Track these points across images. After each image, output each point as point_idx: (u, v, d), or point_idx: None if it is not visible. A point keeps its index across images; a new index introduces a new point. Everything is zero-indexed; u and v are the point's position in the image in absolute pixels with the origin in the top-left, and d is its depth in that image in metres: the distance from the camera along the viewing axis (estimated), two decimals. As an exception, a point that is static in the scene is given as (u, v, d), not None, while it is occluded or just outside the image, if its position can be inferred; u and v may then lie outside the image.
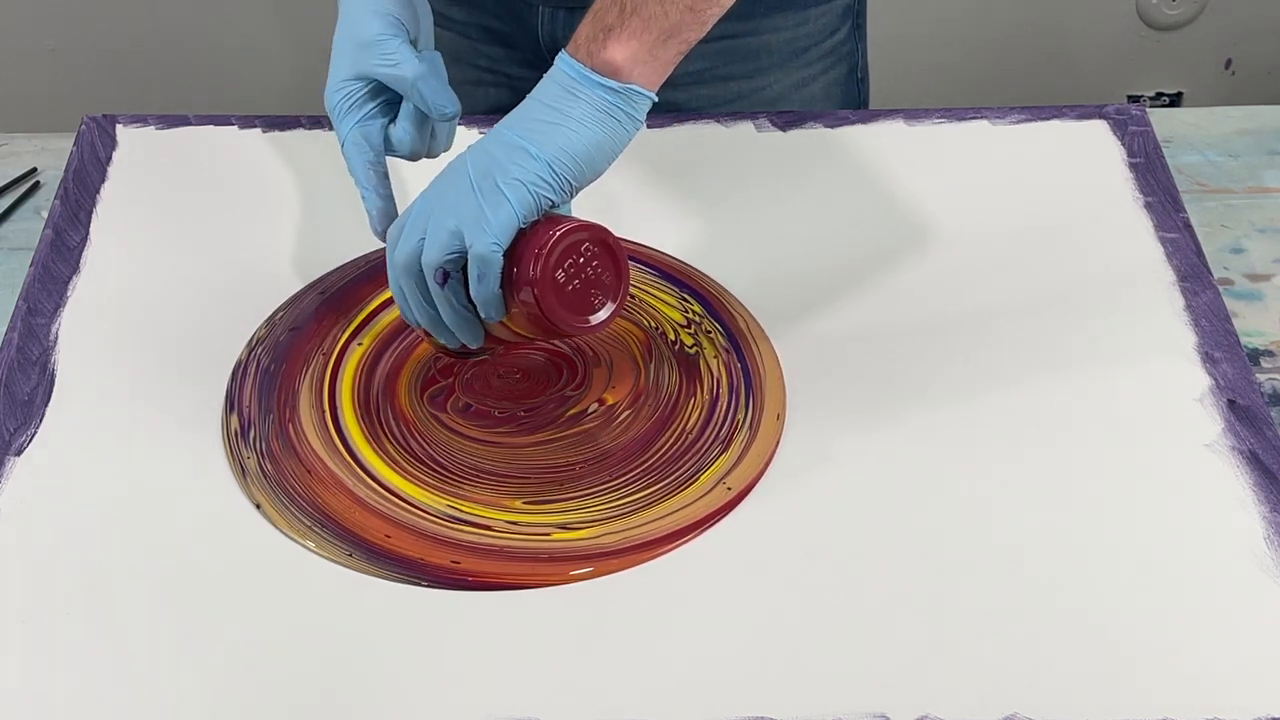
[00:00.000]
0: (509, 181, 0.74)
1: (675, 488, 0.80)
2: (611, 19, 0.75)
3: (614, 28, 0.74)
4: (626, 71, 0.75)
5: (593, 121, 0.75)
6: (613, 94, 0.75)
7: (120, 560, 0.76)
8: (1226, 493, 0.80)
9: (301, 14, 1.86)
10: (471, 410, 0.85)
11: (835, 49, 1.10)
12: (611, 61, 0.74)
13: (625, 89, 0.75)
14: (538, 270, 0.74)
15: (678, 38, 0.75)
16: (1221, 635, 0.73)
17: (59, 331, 0.88)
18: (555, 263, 0.75)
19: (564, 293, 0.75)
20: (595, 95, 0.74)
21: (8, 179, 1.02)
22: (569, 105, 0.75)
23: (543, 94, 0.76)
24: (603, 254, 0.76)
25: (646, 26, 0.74)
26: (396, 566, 0.76)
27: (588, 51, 0.75)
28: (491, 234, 0.74)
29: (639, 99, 0.75)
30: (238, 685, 0.71)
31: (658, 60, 0.75)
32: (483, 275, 0.75)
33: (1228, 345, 0.87)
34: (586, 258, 0.76)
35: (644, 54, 0.75)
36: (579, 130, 0.74)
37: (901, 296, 0.91)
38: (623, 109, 0.75)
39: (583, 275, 0.76)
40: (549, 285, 0.75)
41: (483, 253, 0.74)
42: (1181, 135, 1.05)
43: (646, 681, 0.72)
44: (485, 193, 0.74)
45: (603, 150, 0.75)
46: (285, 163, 1.00)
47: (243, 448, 0.82)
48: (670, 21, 0.75)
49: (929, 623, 0.74)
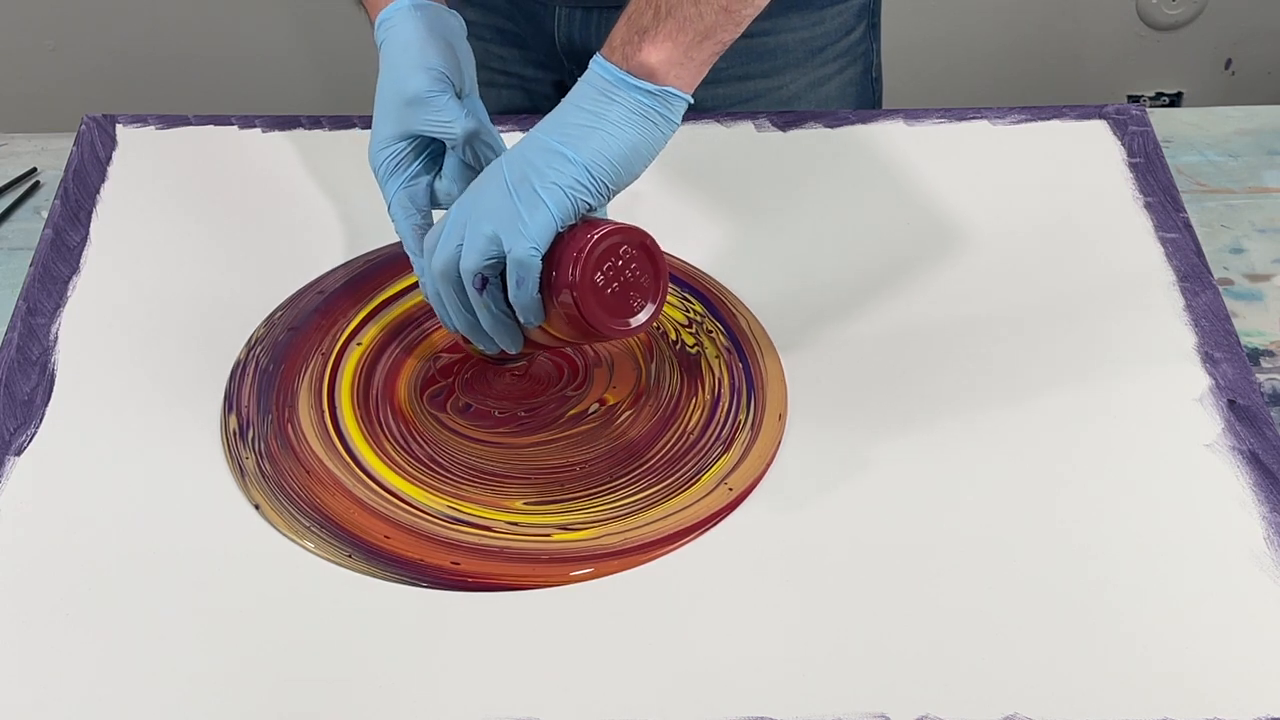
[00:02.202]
0: (546, 186, 0.74)
1: (676, 488, 0.80)
2: (646, 21, 0.74)
3: (649, 30, 0.74)
4: (662, 74, 0.74)
5: (629, 124, 0.74)
6: (649, 96, 0.74)
7: (119, 561, 0.76)
8: (1226, 493, 0.80)
9: (302, 14, 1.86)
10: (471, 410, 0.85)
11: (851, 49, 1.10)
12: (647, 64, 0.74)
13: (661, 91, 0.74)
14: (577, 273, 0.74)
15: (713, 39, 0.75)
16: (1221, 635, 0.73)
17: (59, 331, 0.88)
18: (594, 265, 0.74)
19: (603, 296, 0.75)
20: (631, 98, 0.74)
21: (8, 179, 1.02)
22: (605, 108, 0.74)
23: (578, 97, 0.75)
24: (641, 257, 0.76)
25: (682, 28, 0.74)
26: (396, 567, 0.76)
27: (623, 54, 0.75)
28: (529, 238, 0.74)
29: (675, 101, 0.75)
30: (237, 686, 0.71)
31: (693, 62, 0.75)
32: (521, 280, 0.75)
33: (1228, 345, 0.87)
34: (625, 260, 0.76)
35: (680, 56, 0.74)
36: (615, 133, 0.74)
37: (902, 296, 0.91)
38: (659, 111, 0.75)
39: (622, 278, 0.76)
40: (589, 288, 0.75)
41: (521, 257, 0.74)
42: (1181, 135, 1.05)
43: (647, 682, 0.72)
44: (522, 197, 0.74)
45: (639, 153, 0.75)
46: (285, 163, 1.00)
47: (241, 448, 0.82)
48: (705, 23, 0.74)
49: (929, 623, 0.74)
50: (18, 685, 0.71)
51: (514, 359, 0.85)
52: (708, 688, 0.71)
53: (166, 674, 0.71)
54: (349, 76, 1.84)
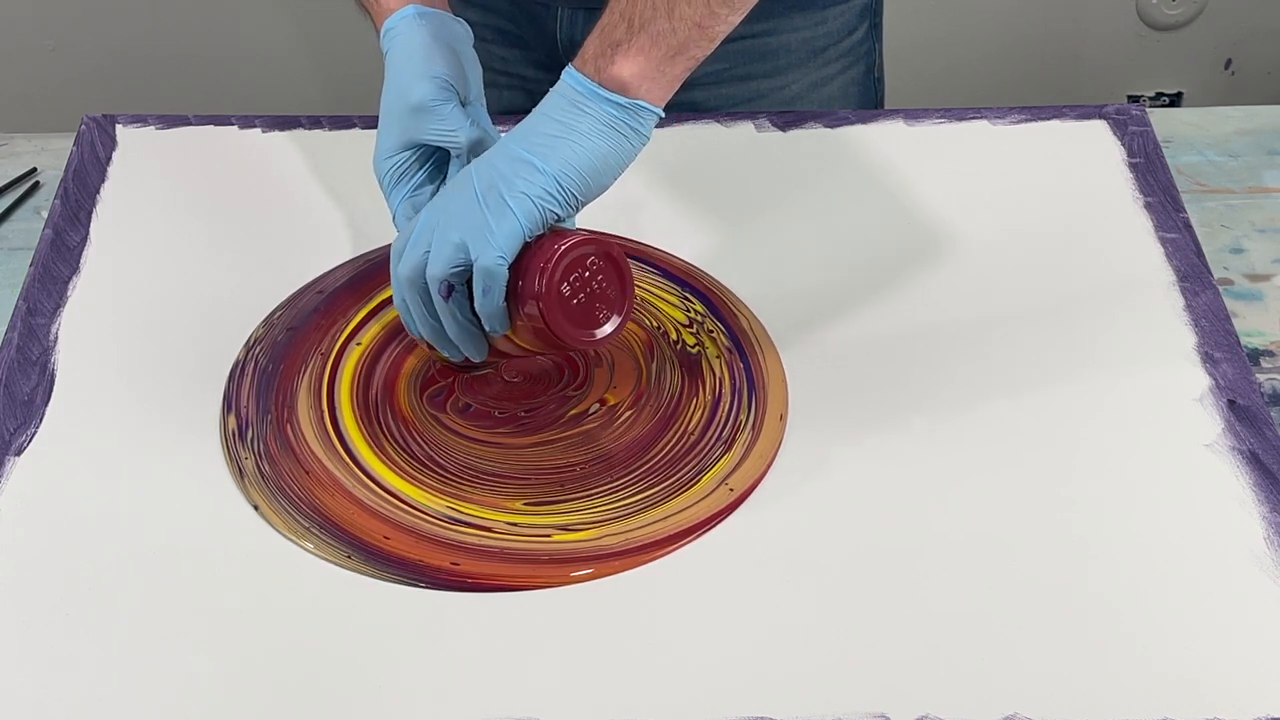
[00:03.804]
0: (515, 195, 0.74)
1: (677, 489, 0.80)
2: (619, 35, 0.74)
3: (622, 43, 0.74)
4: (634, 87, 0.74)
5: (599, 136, 0.74)
6: (619, 109, 0.74)
7: (119, 561, 0.76)
8: (1226, 493, 0.80)
9: (302, 14, 1.86)
10: (471, 411, 0.85)
11: (853, 48, 1.10)
12: (619, 77, 0.74)
13: (632, 104, 0.75)
14: (543, 284, 0.74)
15: (685, 54, 0.75)
16: (1221, 635, 0.73)
17: (59, 331, 0.88)
18: (561, 277, 0.75)
19: (569, 307, 0.75)
20: (602, 110, 0.74)
21: (8, 179, 1.02)
22: (575, 119, 0.74)
23: (549, 108, 0.76)
24: (608, 268, 0.77)
25: (655, 43, 0.74)
26: (395, 568, 0.76)
27: (595, 67, 0.75)
28: (497, 247, 0.74)
29: (646, 114, 0.75)
30: (237, 687, 0.71)
31: (665, 76, 0.75)
32: (488, 289, 0.75)
33: (1228, 345, 0.87)
34: (592, 272, 0.76)
35: (652, 70, 0.74)
36: (585, 144, 0.74)
37: (903, 296, 0.91)
38: (629, 124, 0.75)
39: (588, 289, 0.76)
40: (554, 299, 0.75)
41: (488, 266, 0.74)
42: (1181, 135, 1.05)
43: (647, 682, 0.71)
44: (491, 206, 0.74)
45: (609, 165, 0.75)
46: (285, 163, 1.00)
47: (240, 449, 0.82)
48: (678, 38, 0.74)
49: (930, 623, 0.74)
50: (17, 685, 0.71)
51: (478, 366, 0.85)
52: (708, 688, 0.71)
53: (166, 674, 0.71)
54: (349, 76, 1.84)
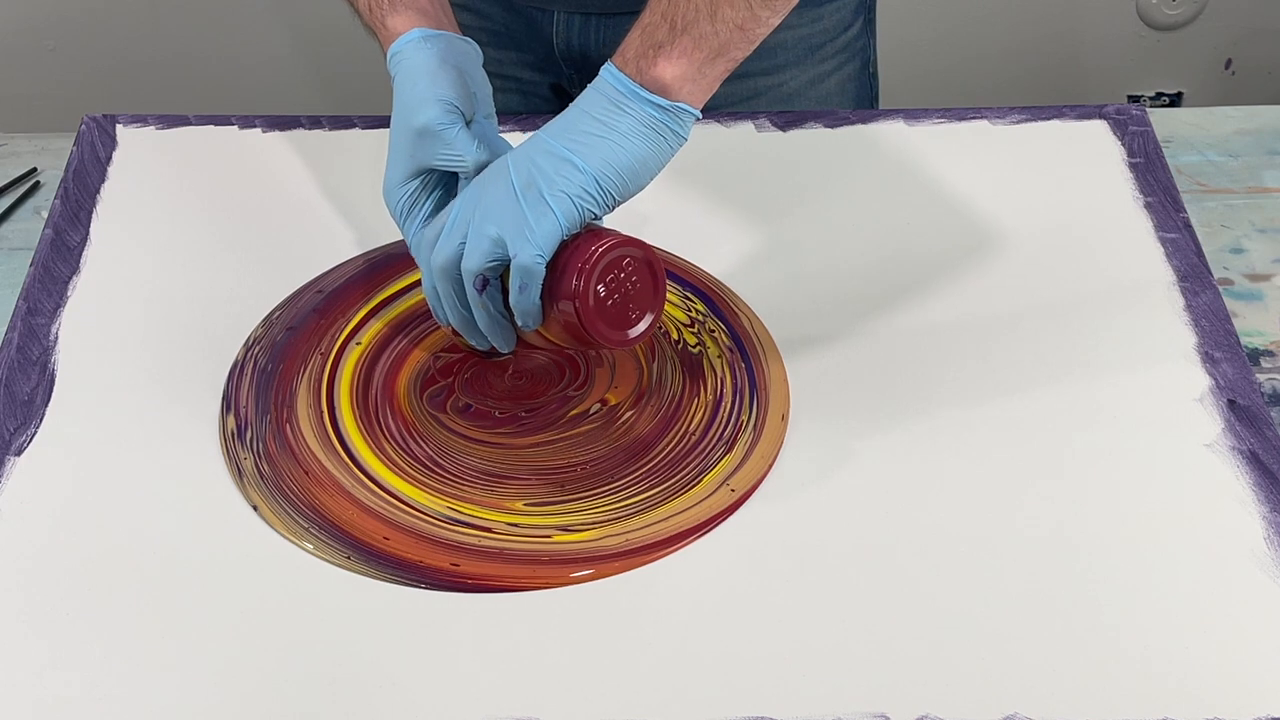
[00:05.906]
0: (555, 194, 0.74)
1: (678, 489, 0.80)
2: (661, 36, 0.74)
3: (664, 45, 0.74)
4: (675, 89, 0.74)
5: (639, 137, 0.74)
6: (660, 111, 0.74)
7: (119, 561, 0.76)
8: (1226, 493, 0.80)
9: (302, 15, 1.86)
10: (471, 410, 0.85)
11: (849, 45, 1.10)
12: (660, 79, 0.74)
13: (673, 106, 0.75)
14: (581, 284, 0.75)
15: (726, 56, 0.75)
16: (1221, 635, 0.73)
17: (59, 331, 0.88)
18: (598, 277, 0.75)
19: (604, 306, 0.76)
20: (643, 111, 0.74)
21: (8, 179, 1.02)
22: (616, 119, 0.74)
23: (589, 105, 0.75)
24: (642, 268, 0.77)
25: (697, 45, 0.74)
26: (395, 569, 0.76)
27: (637, 67, 0.75)
28: (536, 245, 0.74)
29: (685, 116, 0.75)
30: (236, 687, 0.71)
31: (706, 78, 0.75)
32: (525, 286, 0.75)
33: (1228, 345, 0.87)
34: (627, 273, 0.76)
35: (693, 72, 0.74)
36: (625, 145, 0.74)
37: (903, 296, 0.91)
38: (669, 126, 0.75)
39: (623, 290, 0.77)
40: (591, 299, 0.75)
41: (526, 264, 0.74)
42: (1181, 135, 1.05)
43: (647, 682, 0.71)
44: (530, 203, 0.74)
45: (647, 166, 0.75)
46: (285, 163, 1.00)
47: (239, 449, 0.82)
48: (720, 40, 0.74)
49: (929, 623, 0.74)
50: (17, 684, 0.71)
51: (503, 355, 0.86)
52: (708, 688, 0.71)
53: (165, 674, 0.71)
54: (349, 76, 1.84)
